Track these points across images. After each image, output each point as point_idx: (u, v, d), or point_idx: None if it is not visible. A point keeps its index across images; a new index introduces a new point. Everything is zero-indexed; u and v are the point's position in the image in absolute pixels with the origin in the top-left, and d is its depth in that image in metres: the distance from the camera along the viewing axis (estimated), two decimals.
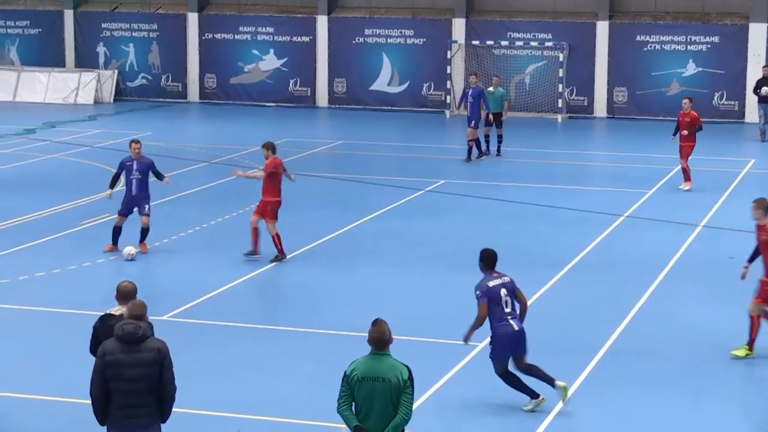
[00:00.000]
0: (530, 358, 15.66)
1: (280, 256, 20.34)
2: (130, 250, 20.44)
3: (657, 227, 23.49)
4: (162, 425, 10.54)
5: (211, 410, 13.77)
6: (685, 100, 27.85)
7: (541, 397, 13.78)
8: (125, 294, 11.27)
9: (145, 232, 20.94)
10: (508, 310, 13.52)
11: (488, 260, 13.72)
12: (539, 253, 21.37)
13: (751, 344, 15.67)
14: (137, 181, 20.85)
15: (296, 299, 18.57)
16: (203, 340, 16.52)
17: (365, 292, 18.91)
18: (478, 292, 13.49)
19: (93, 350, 11.59)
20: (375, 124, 38.80)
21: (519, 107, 40.38)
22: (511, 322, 13.53)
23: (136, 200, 20.90)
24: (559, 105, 40.35)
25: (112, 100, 44.13)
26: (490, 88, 32.52)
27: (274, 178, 20.45)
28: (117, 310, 11.29)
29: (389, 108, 42.05)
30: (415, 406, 10.15)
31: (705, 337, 16.68)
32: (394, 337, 10.18)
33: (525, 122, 38.76)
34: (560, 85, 40.29)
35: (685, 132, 27.31)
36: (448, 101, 41.14)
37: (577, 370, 15.11)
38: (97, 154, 31.72)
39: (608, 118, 40.37)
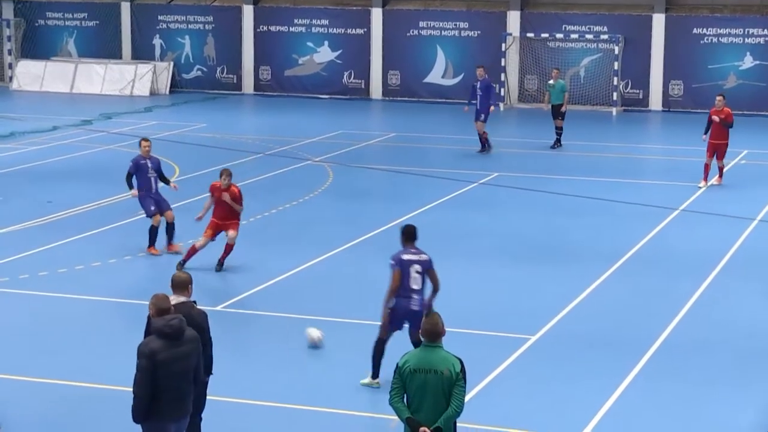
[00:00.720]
0: (586, 351, 15.63)
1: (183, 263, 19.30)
2: (316, 335, 15.84)
3: (712, 221, 23.30)
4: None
5: (261, 400, 13.83)
6: (719, 97, 26.91)
7: (377, 381, 14.07)
8: (180, 284, 11.33)
9: (171, 228, 20.44)
10: (414, 287, 13.90)
11: (408, 235, 14.16)
12: (593, 247, 21.28)
13: None
14: (155, 179, 20.66)
15: (349, 291, 18.60)
16: (256, 331, 16.63)
17: None
18: (392, 262, 13.96)
19: None
20: (429, 117, 38.78)
21: (574, 100, 40.15)
22: (414, 299, 13.92)
23: (160, 197, 20.69)
24: (614, 98, 40.13)
25: (167, 92, 44.45)
26: (551, 81, 32.39)
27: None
28: (172, 299, 11.37)
29: (443, 100, 42.01)
30: (467, 398, 10.14)
31: (761, 332, 16.54)
32: (446, 329, 10.18)
33: (580, 115, 38.57)
34: (615, 78, 40.07)
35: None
36: (502, 94, 41.05)
37: (630, 363, 15.04)
38: (154, 145, 31.83)
39: (663, 111, 40.11)
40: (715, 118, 26.48)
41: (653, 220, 23.29)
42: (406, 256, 13.96)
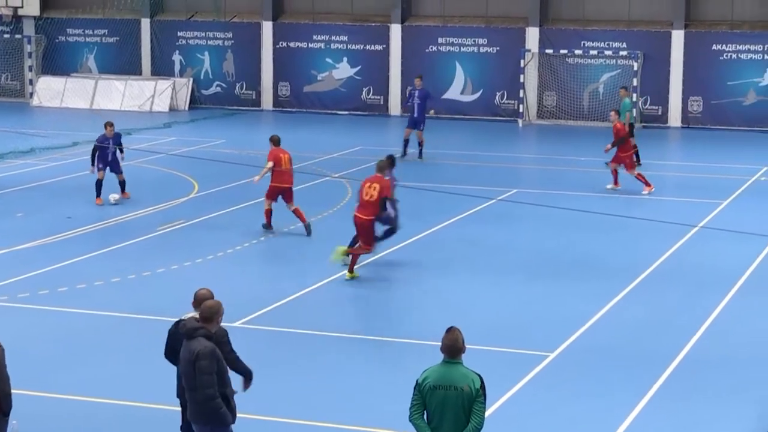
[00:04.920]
0: (605, 368, 15.63)
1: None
2: (114, 196, 26.31)
3: (732, 238, 23.21)
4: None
5: (281, 417, 13.84)
6: (611, 113, 28.97)
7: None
8: (202, 301, 11.39)
9: (124, 184, 26.76)
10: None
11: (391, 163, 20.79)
12: (612, 263, 21.24)
13: None
14: (112, 154, 26.46)
15: (371, 307, 18.60)
16: (277, 348, 16.62)
17: (439, 300, 18.91)
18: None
19: (167, 355, 11.75)
20: (448, 133, 38.77)
21: (592, 116, 40.24)
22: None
23: (116, 163, 26.61)
24: (634, 114, 40.04)
25: (186, 108, 44.58)
26: (626, 99, 32.51)
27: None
28: (193, 315, 11.41)
29: (462, 117, 42.03)
30: (486, 415, 10.13)
31: None
32: (467, 346, 10.17)
33: (599, 132, 38.49)
34: (634, 95, 40.01)
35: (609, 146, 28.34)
36: (521, 110, 41.05)
37: (650, 380, 15.00)
38: (173, 161, 32.05)
39: (683, 127, 40.04)
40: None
41: (673, 236, 23.23)
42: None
